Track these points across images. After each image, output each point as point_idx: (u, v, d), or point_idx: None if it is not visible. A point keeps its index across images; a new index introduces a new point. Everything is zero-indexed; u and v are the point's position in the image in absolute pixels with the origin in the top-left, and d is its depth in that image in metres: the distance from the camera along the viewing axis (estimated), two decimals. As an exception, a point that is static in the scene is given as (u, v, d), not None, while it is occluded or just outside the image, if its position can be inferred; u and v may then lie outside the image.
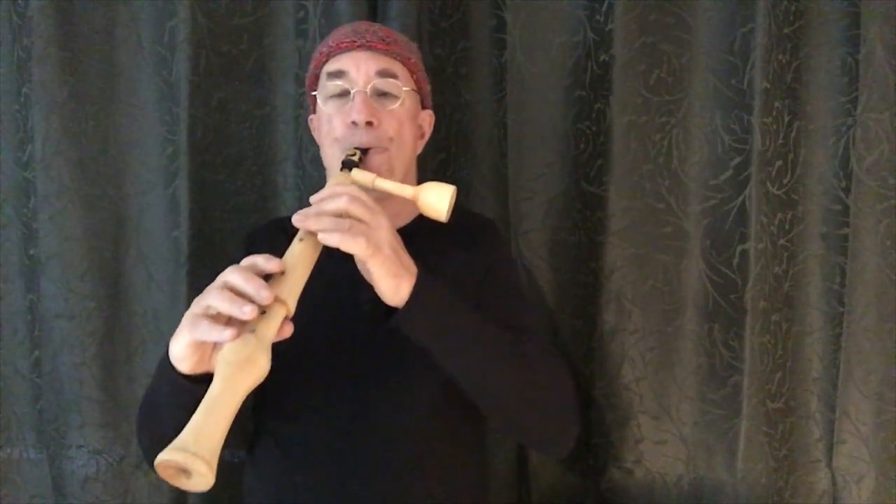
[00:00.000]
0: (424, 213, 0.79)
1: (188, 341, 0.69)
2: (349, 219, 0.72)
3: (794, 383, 1.15)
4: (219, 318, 0.66)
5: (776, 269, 1.14)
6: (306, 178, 1.22)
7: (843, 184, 1.12)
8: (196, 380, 0.71)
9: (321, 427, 0.87)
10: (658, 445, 1.16)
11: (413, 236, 0.81)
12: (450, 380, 0.82)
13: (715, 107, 1.13)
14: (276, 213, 1.24)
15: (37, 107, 1.19)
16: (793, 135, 1.13)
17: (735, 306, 1.12)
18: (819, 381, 1.15)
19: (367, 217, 0.72)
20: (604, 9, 1.15)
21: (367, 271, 0.74)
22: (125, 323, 1.24)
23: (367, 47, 0.91)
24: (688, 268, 1.15)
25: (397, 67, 0.93)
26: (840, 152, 1.12)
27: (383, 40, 0.92)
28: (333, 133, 0.90)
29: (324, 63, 0.94)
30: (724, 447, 1.14)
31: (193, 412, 0.61)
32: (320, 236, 0.71)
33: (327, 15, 1.18)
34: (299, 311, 0.69)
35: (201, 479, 0.58)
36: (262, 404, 0.92)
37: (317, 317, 0.81)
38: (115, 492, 1.23)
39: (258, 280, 0.66)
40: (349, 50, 0.92)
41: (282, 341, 0.68)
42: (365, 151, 0.87)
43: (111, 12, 1.22)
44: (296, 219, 0.72)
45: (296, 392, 0.88)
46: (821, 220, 1.14)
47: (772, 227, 1.12)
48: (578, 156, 1.19)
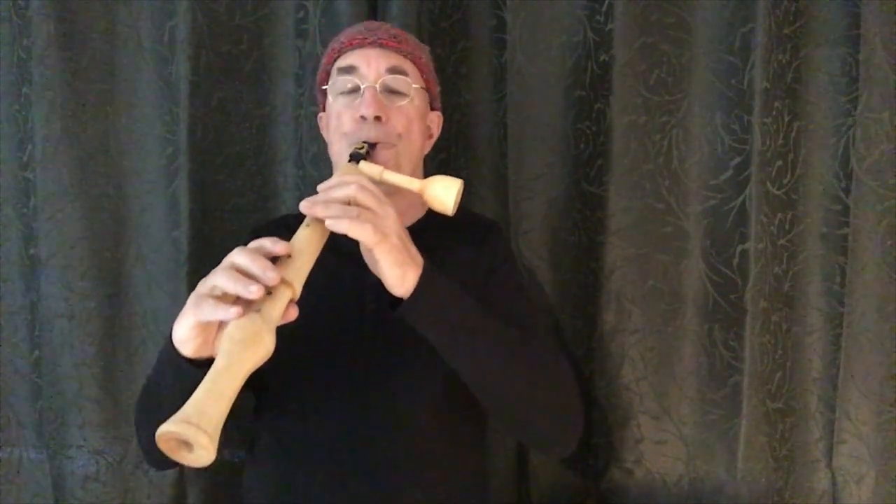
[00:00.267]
0: (431, 206, 0.80)
1: (192, 322, 0.69)
2: (357, 207, 0.72)
3: (794, 383, 1.15)
4: (225, 298, 0.66)
5: (776, 269, 1.14)
6: (306, 178, 1.22)
7: (843, 184, 1.12)
8: (199, 364, 0.71)
9: (322, 426, 0.87)
10: (658, 445, 1.16)
11: (420, 234, 0.81)
12: (451, 380, 0.82)
13: (715, 107, 1.13)
14: (276, 213, 1.24)
15: (37, 107, 1.20)
16: (793, 135, 1.13)
17: (735, 306, 1.12)
18: (819, 381, 1.15)
19: (374, 205, 0.73)
20: (604, 9, 1.15)
21: (374, 260, 0.74)
22: (125, 323, 1.24)
23: (379, 44, 0.92)
24: (688, 268, 1.15)
25: (407, 65, 0.93)
26: (840, 152, 1.12)
27: (394, 38, 0.93)
28: (342, 128, 0.91)
29: (335, 59, 0.95)
30: (724, 447, 1.14)
31: None
32: (328, 223, 0.71)
33: (327, 15, 1.18)
34: (302, 310, 0.69)
35: (203, 453, 0.57)
36: (263, 403, 0.92)
37: (320, 316, 0.81)
38: (115, 492, 1.23)
39: (265, 261, 0.67)
40: (360, 47, 0.92)
41: (285, 336, 0.67)
42: (373, 146, 0.87)
43: (111, 12, 1.22)
44: (303, 205, 0.73)
45: (297, 391, 0.88)
46: (821, 220, 1.14)
47: (772, 227, 1.12)
48: (578, 156, 1.19)
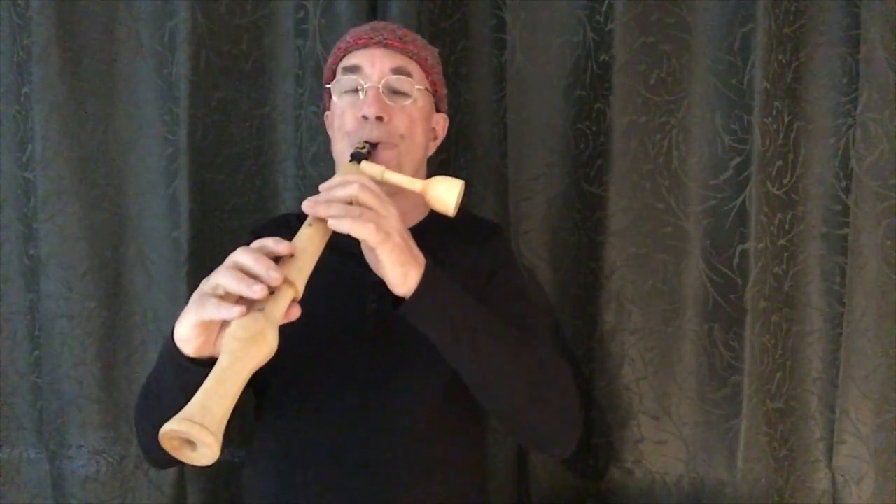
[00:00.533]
0: (432, 207, 0.80)
1: (195, 321, 0.68)
2: (359, 206, 0.72)
3: (794, 383, 1.15)
4: (227, 297, 0.66)
5: (776, 269, 1.13)
6: (306, 178, 1.22)
7: (843, 184, 1.12)
8: (200, 363, 0.71)
9: (322, 426, 0.87)
10: (658, 445, 1.16)
11: (422, 235, 0.81)
12: (452, 380, 0.82)
13: (715, 107, 1.13)
14: (276, 213, 1.24)
15: (37, 107, 1.20)
16: (793, 135, 1.13)
17: (735, 306, 1.12)
18: (819, 381, 1.15)
19: (376, 205, 0.73)
20: (604, 9, 1.15)
21: (376, 260, 0.74)
22: (125, 323, 1.24)
23: (384, 44, 0.92)
24: (688, 268, 1.15)
25: (412, 66, 0.94)
26: (840, 152, 1.12)
27: (400, 39, 0.94)
28: (345, 127, 0.91)
29: (341, 58, 0.95)
30: (724, 447, 1.14)
31: None
32: (331, 222, 0.71)
33: (327, 15, 1.18)
34: (304, 309, 0.69)
35: (206, 452, 0.57)
36: (263, 402, 0.92)
37: (321, 315, 0.81)
38: (115, 492, 1.23)
39: (267, 260, 0.67)
40: (366, 46, 0.93)
41: (286, 335, 0.67)
42: (374, 146, 0.88)
43: (111, 12, 1.22)
44: (306, 205, 0.73)
45: (298, 390, 0.88)
46: (821, 220, 1.14)
47: (772, 227, 1.12)
48: (578, 156, 1.19)
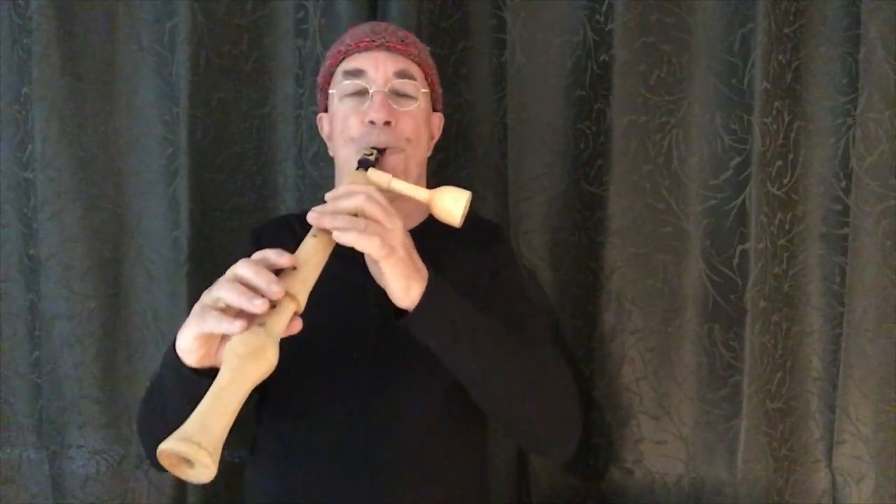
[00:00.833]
0: (438, 217, 0.79)
1: (196, 333, 0.68)
2: (365, 218, 0.72)
3: (794, 383, 1.15)
4: (228, 310, 0.66)
5: (776, 269, 1.13)
6: (306, 178, 1.22)
7: (843, 184, 1.12)
8: (202, 373, 0.71)
9: (324, 428, 0.87)
10: (658, 445, 1.16)
11: (423, 237, 0.81)
12: (454, 383, 0.82)
13: (715, 107, 1.13)
14: (276, 213, 1.24)
15: (37, 107, 1.20)
16: (793, 135, 1.13)
17: (735, 306, 1.12)
18: (819, 381, 1.15)
19: (382, 217, 0.72)
20: (604, 9, 1.15)
21: (379, 272, 0.74)
22: (125, 323, 1.24)
23: (386, 47, 0.92)
24: (688, 268, 1.15)
25: (414, 69, 0.93)
26: (840, 152, 1.12)
27: (402, 41, 0.93)
28: (349, 132, 0.90)
29: (340, 61, 0.94)
30: (724, 447, 1.14)
31: (198, 405, 0.60)
32: (335, 234, 0.70)
33: (327, 15, 1.18)
34: (307, 311, 0.69)
35: (204, 471, 0.58)
36: (265, 403, 0.92)
37: (323, 317, 0.80)
38: (115, 492, 1.23)
39: (269, 274, 0.66)
40: (367, 49, 0.92)
41: (288, 340, 0.67)
42: (381, 151, 0.87)
43: (111, 12, 1.22)
44: (311, 216, 0.72)
45: (300, 391, 0.88)
46: (821, 220, 1.14)
47: (772, 227, 1.12)
48: (578, 156, 1.19)
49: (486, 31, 1.23)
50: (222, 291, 0.66)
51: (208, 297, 0.68)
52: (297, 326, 0.69)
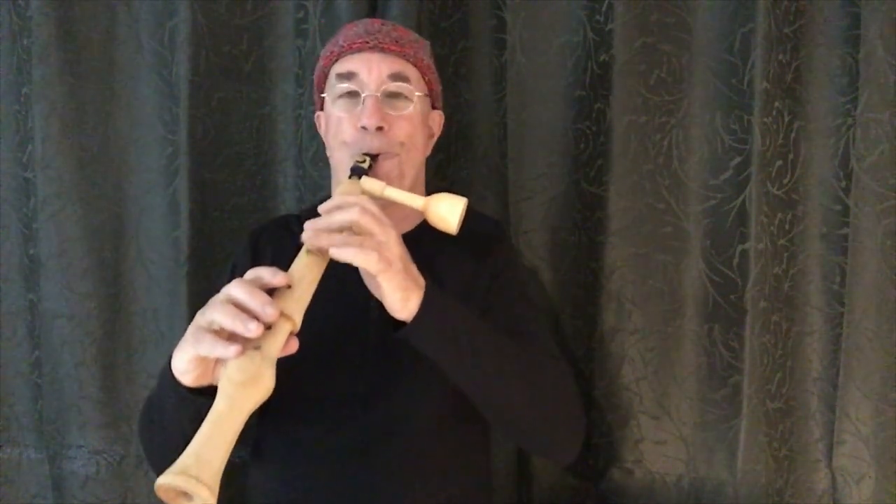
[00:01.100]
0: (433, 225, 0.78)
1: (191, 356, 0.68)
2: (360, 234, 0.71)
3: (794, 383, 1.15)
4: (223, 332, 0.65)
5: (776, 269, 1.13)
6: (306, 178, 1.21)
7: (843, 184, 1.12)
8: (200, 391, 0.70)
9: (327, 430, 0.87)
10: (658, 445, 1.16)
11: (418, 241, 0.80)
12: (455, 386, 0.82)
13: (715, 107, 1.13)
14: (276, 213, 1.24)
15: (37, 107, 1.20)
16: (793, 135, 1.13)
17: (735, 306, 1.12)
18: (819, 381, 1.15)
19: (377, 230, 0.71)
20: (604, 9, 1.15)
21: (376, 285, 0.73)
22: (125, 323, 1.24)
23: (380, 49, 0.89)
24: (688, 268, 1.15)
25: (410, 70, 0.91)
26: (840, 152, 1.12)
27: (396, 42, 0.90)
28: (342, 136, 0.89)
29: (333, 62, 0.92)
30: (724, 447, 1.14)
31: (197, 423, 0.60)
32: (332, 252, 0.69)
33: (327, 15, 1.18)
34: (308, 316, 0.69)
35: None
36: (268, 404, 0.92)
37: (325, 319, 0.80)
38: (115, 492, 1.23)
39: (263, 296, 0.65)
40: (360, 51, 0.89)
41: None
42: (374, 157, 0.86)
43: (111, 12, 1.22)
44: (306, 235, 0.71)
45: (303, 395, 0.87)
46: (821, 220, 1.14)
47: (772, 227, 1.12)
48: (578, 156, 1.19)
49: (486, 31, 1.23)
50: (216, 314, 0.65)
51: (203, 318, 0.66)
52: (294, 347, 0.68)
